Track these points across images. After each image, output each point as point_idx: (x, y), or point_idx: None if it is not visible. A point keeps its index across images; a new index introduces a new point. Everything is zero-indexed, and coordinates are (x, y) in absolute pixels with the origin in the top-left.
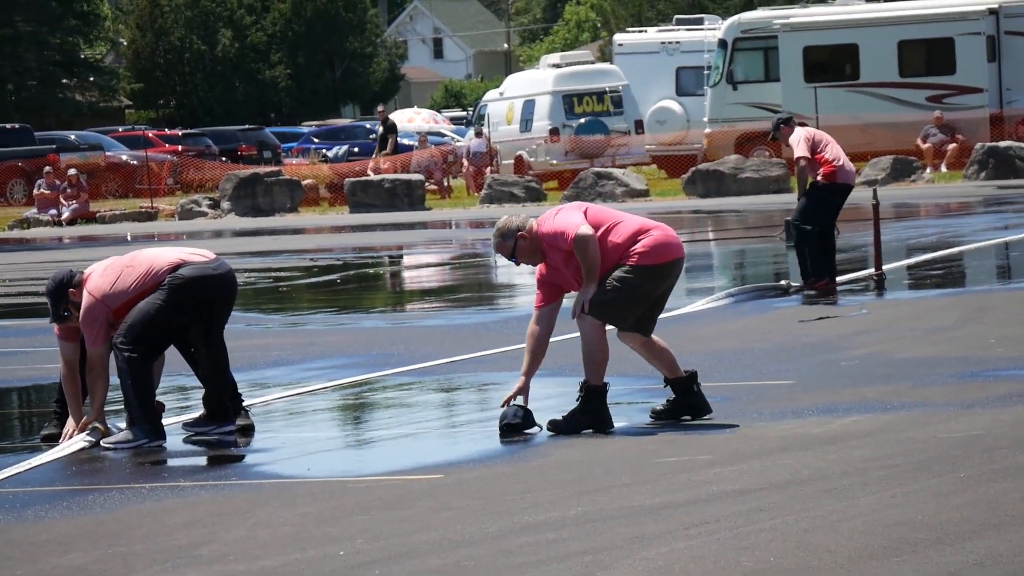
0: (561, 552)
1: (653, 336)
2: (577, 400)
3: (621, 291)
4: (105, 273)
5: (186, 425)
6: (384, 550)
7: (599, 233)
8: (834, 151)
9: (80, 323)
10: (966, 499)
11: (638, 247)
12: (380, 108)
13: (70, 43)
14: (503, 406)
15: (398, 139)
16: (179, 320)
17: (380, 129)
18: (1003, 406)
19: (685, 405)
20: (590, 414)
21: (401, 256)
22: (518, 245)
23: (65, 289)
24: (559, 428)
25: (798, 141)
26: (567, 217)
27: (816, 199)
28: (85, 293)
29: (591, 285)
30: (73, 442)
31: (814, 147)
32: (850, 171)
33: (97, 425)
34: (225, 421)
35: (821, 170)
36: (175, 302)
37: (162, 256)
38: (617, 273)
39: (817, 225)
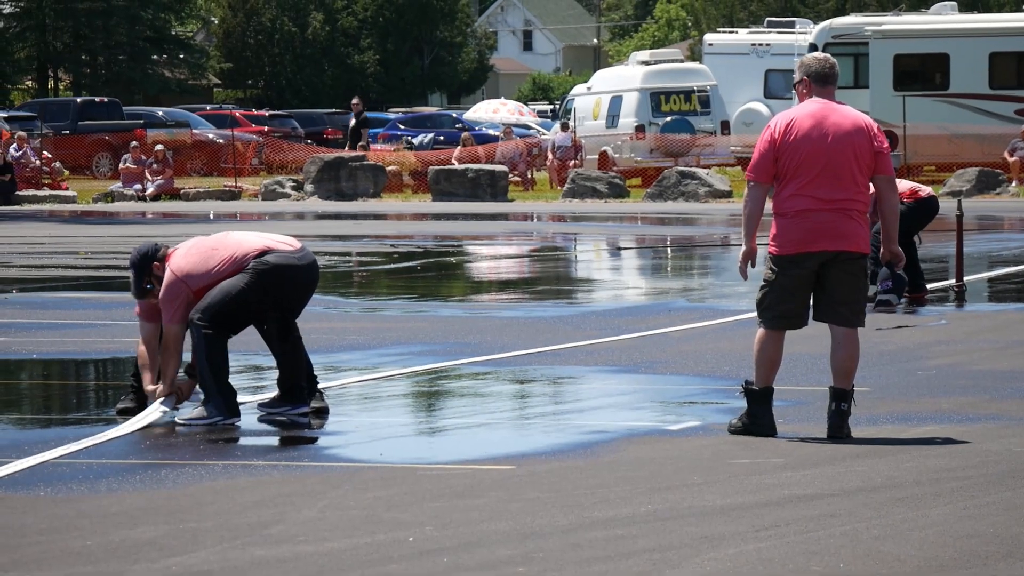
0: (630, 548)
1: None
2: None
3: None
4: (189, 253)
5: (261, 405)
6: (453, 538)
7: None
8: (913, 184)
9: (160, 299)
10: None
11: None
12: (355, 100)
13: (161, 19)
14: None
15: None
16: (258, 305)
17: (352, 122)
18: None
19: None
20: (747, 415)
21: (481, 246)
22: None
23: (149, 262)
24: (735, 430)
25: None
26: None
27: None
28: (168, 270)
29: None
30: (149, 411)
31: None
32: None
33: (173, 391)
34: (299, 403)
35: (905, 194)
36: (257, 287)
37: (248, 241)
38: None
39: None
